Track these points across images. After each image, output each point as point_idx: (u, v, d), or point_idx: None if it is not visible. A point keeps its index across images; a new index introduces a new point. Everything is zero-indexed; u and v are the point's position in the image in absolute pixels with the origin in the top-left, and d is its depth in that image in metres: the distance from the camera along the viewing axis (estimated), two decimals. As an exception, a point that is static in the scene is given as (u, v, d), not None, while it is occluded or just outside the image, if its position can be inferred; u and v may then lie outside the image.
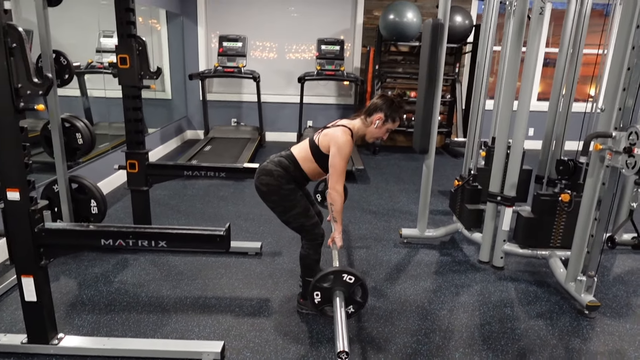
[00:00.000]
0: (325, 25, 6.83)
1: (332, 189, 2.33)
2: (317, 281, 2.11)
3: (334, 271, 2.13)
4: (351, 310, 2.16)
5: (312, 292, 2.12)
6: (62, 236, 2.02)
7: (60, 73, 3.05)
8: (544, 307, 2.73)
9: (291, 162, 2.39)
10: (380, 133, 2.40)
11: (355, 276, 2.10)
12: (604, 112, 2.49)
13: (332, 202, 2.35)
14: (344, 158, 2.31)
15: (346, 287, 2.11)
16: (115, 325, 2.41)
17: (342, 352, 1.79)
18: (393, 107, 2.35)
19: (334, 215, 2.38)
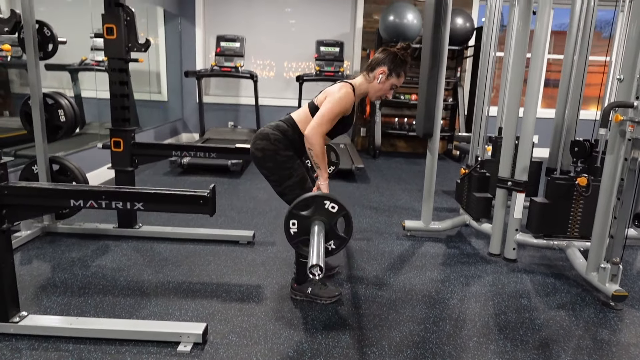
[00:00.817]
0: (324, 28, 6.73)
1: (308, 130, 2.06)
2: (294, 207, 1.83)
3: (315, 196, 1.84)
4: (332, 247, 1.85)
5: (288, 221, 1.81)
6: (27, 195, 1.79)
7: (43, 45, 2.86)
8: (565, 298, 2.48)
9: (290, 126, 2.18)
10: (384, 89, 2.20)
11: (339, 204, 1.81)
12: (623, 81, 2.30)
13: (310, 147, 2.07)
14: (336, 105, 2.08)
15: (328, 217, 1.81)
16: (87, 307, 2.15)
17: (315, 266, 1.53)
18: (397, 60, 2.15)
19: (315, 160, 2.10)
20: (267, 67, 6.91)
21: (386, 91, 2.22)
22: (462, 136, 4.30)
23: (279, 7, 6.76)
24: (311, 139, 2.05)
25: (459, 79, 6.53)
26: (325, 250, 1.73)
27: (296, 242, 1.82)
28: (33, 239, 2.92)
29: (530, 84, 2.70)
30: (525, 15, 2.74)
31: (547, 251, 3.13)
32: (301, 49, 6.79)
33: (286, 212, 1.80)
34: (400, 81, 2.25)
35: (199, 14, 6.65)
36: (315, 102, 2.17)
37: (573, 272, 2.80)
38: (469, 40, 6.20)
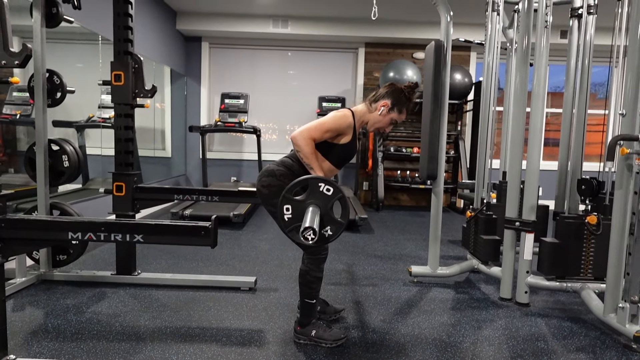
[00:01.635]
0: (326, 85, 6.94)
1: (294, 133, 2.08)
2: (287, 192, 1.76)
3: (309, 178, 1.78)
4: (329, 233, 1.77)
5: (282, 206, 1.75)
6: (25, 228, 1.75)
7: (52, 92, 2.94)
8: (583, 341, 2.34)
9: (295, 161, 2.17)
10: (384, 122, 2.21)
11: (335, 187, 1.76)
12: (625, 116, 2.32)
13: (297, 148, 2.08)
14: (329, 119, 2.12)
15: (323, 200, 1.75)
16: (79, 352, 2.04)
17: (308, 228, 1.45)
18: (401, 96, 2.18)
19: (306, 161, 2.08)
20: (270, 122, 7.06)
21: (385, 124, 2.23)
22: (466, 183, 4.28)
23: (282, 66, 7.02)
24: (297, 140, 2.06)
25: (460, 132, 6.63)
26: (322, 236, 1.66)
27: (290, 229, 1.75)
28: (28, 286, 2.82)
29: (533, 121, 2.72)
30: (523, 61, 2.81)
31: (561, 295, 3.00)
32: (303, 104, 6.96)
33: (280, 198, 1.74)
34: (401, 118, 2.26)
35: (205, 74, 6.89)
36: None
37: (589, 315, 2.67)
38: (468, 94, 6.36)
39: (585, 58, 3.24)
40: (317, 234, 1.49)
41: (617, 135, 2.27)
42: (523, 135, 2.84)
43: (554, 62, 6.50)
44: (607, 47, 3.32)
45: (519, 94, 2.83)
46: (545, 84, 2.73)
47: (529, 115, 2.77)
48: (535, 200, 2.77)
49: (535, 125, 2.72)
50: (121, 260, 3.00)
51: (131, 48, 2.88)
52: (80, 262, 3.37)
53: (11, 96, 5.63)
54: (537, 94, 2.71)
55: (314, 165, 2.08)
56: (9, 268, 2.69)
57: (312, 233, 1.47)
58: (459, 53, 6.76)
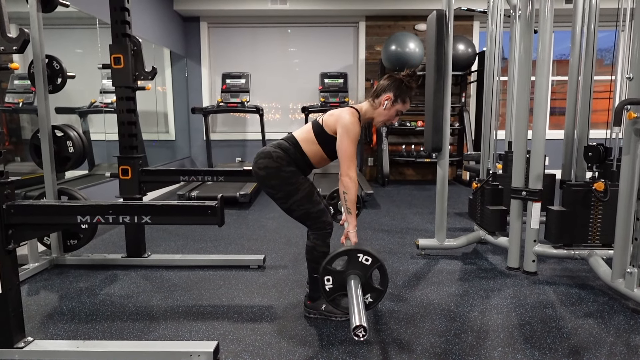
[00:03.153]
0: (327, 61, 6.86)
1: (344, 176, 2.07)
2: (327, 263, 1.82)
3: (348, 250, 1.85)
4: (369, 300, 1.85)
5: (323, 277, 1.83)
6: (34, 213, 1.77)
7: (53, 78, 2.93)
8: (591, 307, 2.36)
9: (292, 144, 2.16)
10: (390, 115, 2.18)
11: (373, 256, 1.81)
12: (633, 80, 2.28)
13: (346, 190, 2.07)
14: (352, 140, 2.08)
15: (362, 270, 1.82)
16: (94, 333, 2.08)
17: (359, 327, 1.47)
18: (402, 87, 2.14)
19: (348, 205, 2.10)
20: (272, 101, 7.01)
21: (391, 117, 2.21)
22: (472, 155, 4.26)
23: (282, 44, 6.93)
24: (348, 184, 2.05)
25: (464, 104, 6.56)
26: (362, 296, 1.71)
27: (333, 298, 1.83)
28: (41, 271, 2.87)
29: (538, 88, 2.69)
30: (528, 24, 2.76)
31: (569, 263, 3.02)
32: (305, 82, 6.91)
33: (320, 269, 1.81)
34: (406, 107, 2.24)
35: (205, 54, 6.82)
36: (320, 122, 2.16)
37: (598, 281, 2.68)
38: (471, 65, 6.28)
39: (591, 23, 3.17)
40: (367, 332, 1.51)
41: (624, 100, 2.24)
42: (528, 104, 2.81)
43: (559, 28, 6.37)
44: (613, 11, 3.25)
45: (523, 61, 2.78)
46: (551, 50, 2.68)
47: (534, 85, 2.73)
48: (542, 169, 2.76)
49: (540, 93, 2.68)
50: (131, 243, 3.03)
51: (129, 30, 2.85)
52: (91, 246, 3.42)
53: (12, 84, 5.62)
54: (542, 61, 2.67)
55: (353, 212, 2.11)
56: (22, 254, 2.73)
57: (362, 331, 1.50)
58: (461, 23, 6.63)
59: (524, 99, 2.80)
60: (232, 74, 6.32)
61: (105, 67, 2.90)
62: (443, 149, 3.06)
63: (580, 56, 3.21)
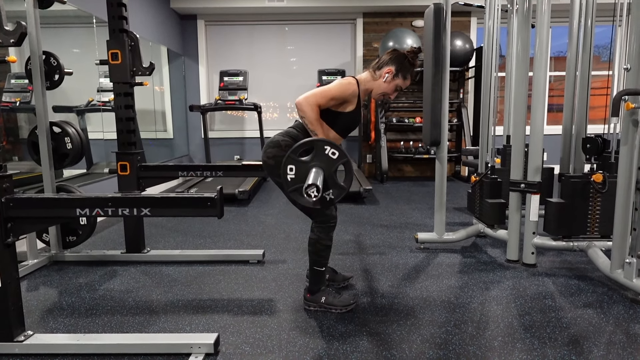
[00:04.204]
0: (325, 59, 6.86)
1: (299, 98, 2.05)
2: (292, 152, 1.78)
3: (314, 140, 1.79)
4: (330, 196, 1.79)
5: (286, 166, 1.77)
6: (33, 206, 1.76)
7: (50, 74, 2.92)
8: (591, 298, 2.37)
9: (300, 130, 2.17)
10: (389, 89, 2.18)
11: (340, 151, 1.77)
12: (630, 70, 2.28)
13: (301, 113, 2.05)
14: (334, 86, 2.09)
15: (328, 163, 1.76)
16: (94, 327, 2.08)
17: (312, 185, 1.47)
18: (405, 62, 2.15)
19: (311, 127, 2.07)
20: (270, 98, 7.01)
21: (390, 91, 2.21)
22: (470, 149, 4.26)
23: (280, 41, 6.93)
24: (302, 105, 2.04)
25: (462, 100, 6.56)
26: (323, 199, 1.67)
27: (293, 189, 1.76)
28: (40, 267, 2.87)
29: (536, 80, 2.69)
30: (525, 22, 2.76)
31: (568, 255, 3.02)
32: (303, 79, 6.90)
33: (284, 158, 1.76)
34: (406, 84, 2.24)
35: (202, 52, 6.82)
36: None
37: (597, 273, 2.69)
38: (469, 61, 6.28)
39: (588, 18, 3.18)
40: (320, 192, 1.49)
41: (622, 90, 2.24)
42: (526, 97, 2.81)
43: (556, 23, 6.39)
44: (610, 6, 3.26)
45: (520, 54, 2.78)
46: (548, 41, 2.68)
47: (531, 81, 2.73)
48: (540, 161, 2.76)
49: (538, 85, 2.69)
50: (130, 239, 3.03)
51: (126, 25, 2.84)
52: (90, 243, 3.42)
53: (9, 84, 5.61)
54: (540, 52, 2.67)
55: (318, 132, 2.07)
56: (21, 251, 2.73)
57: (315, 190, 1.48)
58: (459, 19, 6.64)
59: (521, 91, 2.80)
60: (230, 72, 6.31)
61: (102, 62, 2.90)
62: (442, 142, 3.06)
63: (578, 50, 3.22)
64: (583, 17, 3.18)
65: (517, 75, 2.83)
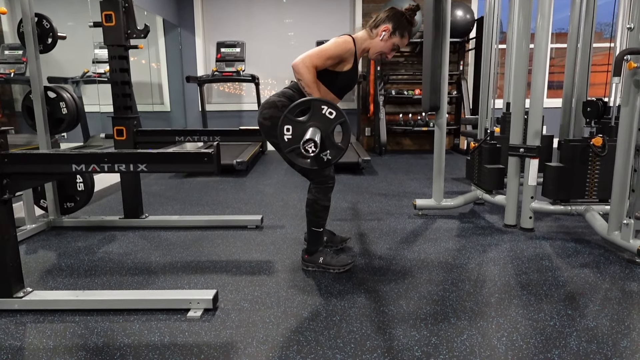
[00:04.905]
0: (323, 29, 6.75)
1: (295, 60, 2.02)
2: (289, 112, 1.76)
3: (311, 100, 1.78)
4: (328, 157, 1.78)
5: (283, 126, 1.75)
6: (29, 162, 1.74)
7: (43, 37, 2.87)
8: (587, 259, 2.38)
9: (296, 91, 2.14)
10: (386, 47, 2.15)
11: (337, 110, 1.74)
12: (633, 30, 2.25)
13: (298, 75, 2.02)
14: (331, 45, 2.05)
15: (325, 123, 1.74)
16: (93, 286, 2.09)
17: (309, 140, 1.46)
18: (403, 20, 2.11)
19: (307, 90, 2.04)
20: (268, 70, 6.92)
21: (387, 50, 2.17)
22: (469, 118, 4.24)
23: (278, 12, 6.81)
24: (298, 67, 2.01)
25: (462, 72, 6.50)
26: (320, 160, 1.66)
27: (290, 150, 1.74)
28: (38, 232, 2.87)
29: (537, 45, 2.65)
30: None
31: (565, 220, 3.03)
32: (301, 50, 6.77)
33: (281, 118, 1.74)
34: (404, 42, 2.19)
35: (198, 23, 6.70)
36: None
37: (594, 236, 2.70)
38: (470, 32, 6.19)
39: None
40: (317, 147, 1.48)
41: (624, 49, 2.21)
42: (527, 60, 2.77)
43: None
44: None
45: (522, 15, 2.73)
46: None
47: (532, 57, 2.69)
48: (540, 126, 2.74)
49: (540, 47, 2.64)
50: (128, 205, 3.02)
51: (120, -14, 2.78)
52: (88, 210, 3.42)
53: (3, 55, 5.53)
54: (543, 14, 2.62)
55: (314, 94, 2.04)
56: (19, 217, 2.73)
57: (313, 145, 1.46)
58: (459, -11, 6.53)
59: (523, 53, 2.76)
60: (227, 43, 6.22)
61: (96, 25, 2.84)
62: (441, 107, 3.04)
63: (580, 18, 3.16)
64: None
65: (518, 40, 2.79)
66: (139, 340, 1.61)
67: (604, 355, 1.50)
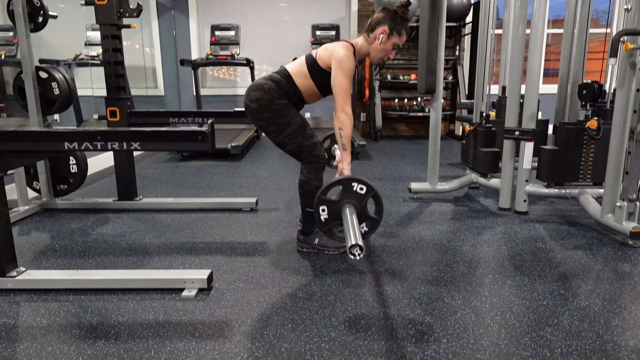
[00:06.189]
0: (319, 13, 6.68)
1: (339, 111, 2.03)
2: (322, 193, 1.81)
3: (341, 179, 1.84)
4: (365, 229, 1.85)
5: (318, 207, 1.82)
6: (21, 139, 1.72)
7: (33, 16, 2.82)
8: (581, 241, 2.40)
9: (284, 77, 2.12)
10: (386, 50, 2.13)
11: (368, 185, 1.80)
12: (630, 11, 2.23)
13: (342, 126, 2.03)
14: (347, 75, 2.04)
15: (357, 199, 1.81)
16: (87, 266, 2.08)
17: (355, 246, 1.47)
18: (397, 18, 2.08)
19: (344, 141, 2.06)
20: (263, 54, 6.85)
21: (388, 51, 2.16)
22: (465, 103, 4.23)
23: (273, -4, 6.74)
24: (344, 120, 2.01)
25: (458, 57, 6.46)
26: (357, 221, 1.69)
27: (329, 228, 1.81)
28: (31, 214, 2.85)
29: (534, 25, 2.63)
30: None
31: (559, 204, 3.05)
32: (297, 34, 6.74)
33: (315, 200, 1.79)
34: (402, 40, 2.17)
35: (192, 6, 6.61)
36: (313, 56, 2.10)
37: (587, 220, 2.72)
38: (466, 16, 6.15)
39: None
40: (363, 250, 1.49)
41: (621, 30, 2.20)
42: (523, 46, 2.75)
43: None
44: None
45: None
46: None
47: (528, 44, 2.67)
48: (535, 109, 2.74)
49: (536, 29, 2.63)
50: (122, 187, 3.00)
51: (112, -36, 2.73)
52: (81, 193, 3.40)
53: (-7, 37, 5.43)
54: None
55: (349, 149, 2.07)
56: (11, 199, 2.71)
57: (359, 249, 1.47)
58: (456, -27, 6.45)
59: (519, 39, 2.74)
60: (221, 26, 6.15)
61: (88, 3, 2.79)
62: (437, 90, 3.02)
63: (577, 2, 3.14)
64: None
65: (514, 23, 2.76)
66: (134, 318, 1.61)
67: (596, 333, 1.51)
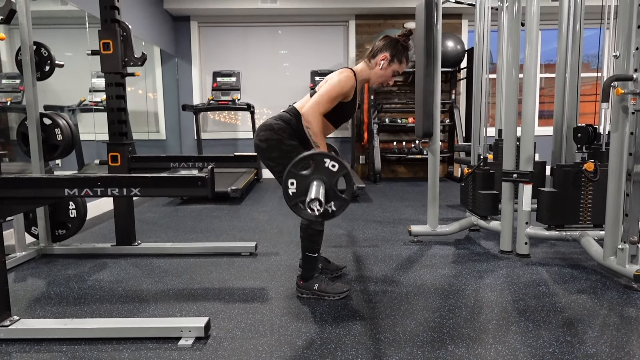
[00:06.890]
0: (318, 60, 6.87)
1: (305, 108, 2.04)
2: (293, 166, 1.75)
3: (313, 154, 1.76)
4: (332, 209, 1.76)
5: (287, 180, 1.73)
6: (21, 186, 1.73)
7: (41, 65, 2.90)
8: (584, 284, 2.36)
9: (293, 115, 2.16)
10: (386, 76, 2.18)
11: (340, 163, 1.73)
12: (619, 58, 2.30)
13: (307, 124, 2.03)
14: (335, 86, 2.06)
15: (328, 176, 1.73)
16: (82, 314, 2.04)
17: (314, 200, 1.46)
18: (399, 46, 2.15)
19: (314, 139, 2.05)
20: (263, 100, 6.99)
21: (388, 77, 2.21)
22: (463, 145, 4.28)
23: (273, 43, 6.94)
24: (308, 116, 2.02)
25: (454, 100, 6.60)
26: (325, 211, 1.65)
27: (295, 203, 1.73)
28: (28, 260, 2.82)
29: (527, 70, 2.71)
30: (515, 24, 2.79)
31: (561, 246, 3.03)
32: (297, 80, 6.91)
33: (285, 173, 1.73)
34: (402, 67, 2.24)
35: (195, 54, 6.81)
36: (317, 91, 2.15)
37: (590, 262, 2.69)
38: (461, 62, 6.32)
39: (577, 21, 3.20)
40: (322, 205, 1.48)
41: (611, 76, 2.26)
42: (517, 90, 2.81)
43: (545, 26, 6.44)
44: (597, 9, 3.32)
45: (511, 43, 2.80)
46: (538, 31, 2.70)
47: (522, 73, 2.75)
48: (532, 151, 2.77)
49: (529, 73, 2.70)
50: (121, 232, 2.99)
51: (118, 16, 2.83)
52: (80, 238, 3.38)
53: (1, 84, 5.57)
54: (531, 37, 2.68)
55: (321, 145, 2.06)
56: (9, 244, 2.69)
57: (317, 204, 1.46)
58: (450, 21, 6.70)
59: (512, 82, 2.81)
60: (223, 72, 6.30)
61: (94, 53, 2.88)
62: (434, 133, 3.07)
63: (567, 47, 3.24)
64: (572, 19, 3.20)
65: (507, 67, 2.84)
66: (128, 369, 1.56)
67: (605, 382, 1.47)
